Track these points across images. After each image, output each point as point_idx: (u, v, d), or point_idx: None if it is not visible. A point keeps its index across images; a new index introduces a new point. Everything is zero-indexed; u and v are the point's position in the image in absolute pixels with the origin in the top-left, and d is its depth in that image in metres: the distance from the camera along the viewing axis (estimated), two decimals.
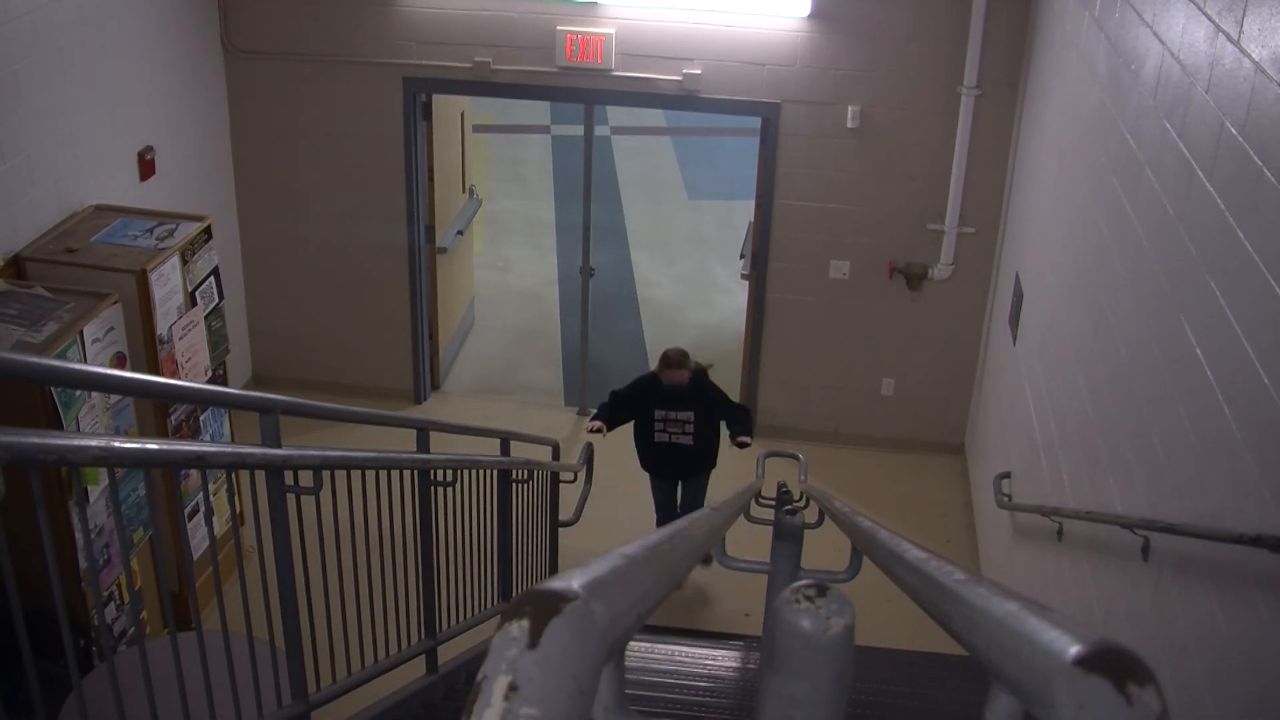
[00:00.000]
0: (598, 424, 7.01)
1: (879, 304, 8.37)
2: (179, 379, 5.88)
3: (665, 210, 13.44)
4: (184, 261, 6.07)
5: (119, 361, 5.47)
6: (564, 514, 7.13)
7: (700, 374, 6.96)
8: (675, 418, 6.99)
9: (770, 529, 4.02)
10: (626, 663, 1.08)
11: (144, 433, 5.71)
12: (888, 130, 7.90)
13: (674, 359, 6.87)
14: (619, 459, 8.31)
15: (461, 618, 5.33)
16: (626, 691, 1.04)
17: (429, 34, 8.00)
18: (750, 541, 4.60)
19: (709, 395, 7.03)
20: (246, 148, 8.42)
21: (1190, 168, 3.72)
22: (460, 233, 9.43)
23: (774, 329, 8.58)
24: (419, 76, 8.14)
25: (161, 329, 5.86)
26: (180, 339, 6.03)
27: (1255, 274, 3.03)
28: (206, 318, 6.32)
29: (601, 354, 9.83)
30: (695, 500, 7.37)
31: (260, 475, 3.49)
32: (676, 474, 7.28)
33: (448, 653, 5.24)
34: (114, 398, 5.33)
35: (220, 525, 6.35)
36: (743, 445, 6.96)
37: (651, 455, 7.20)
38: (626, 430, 7.14)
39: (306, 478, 3.65)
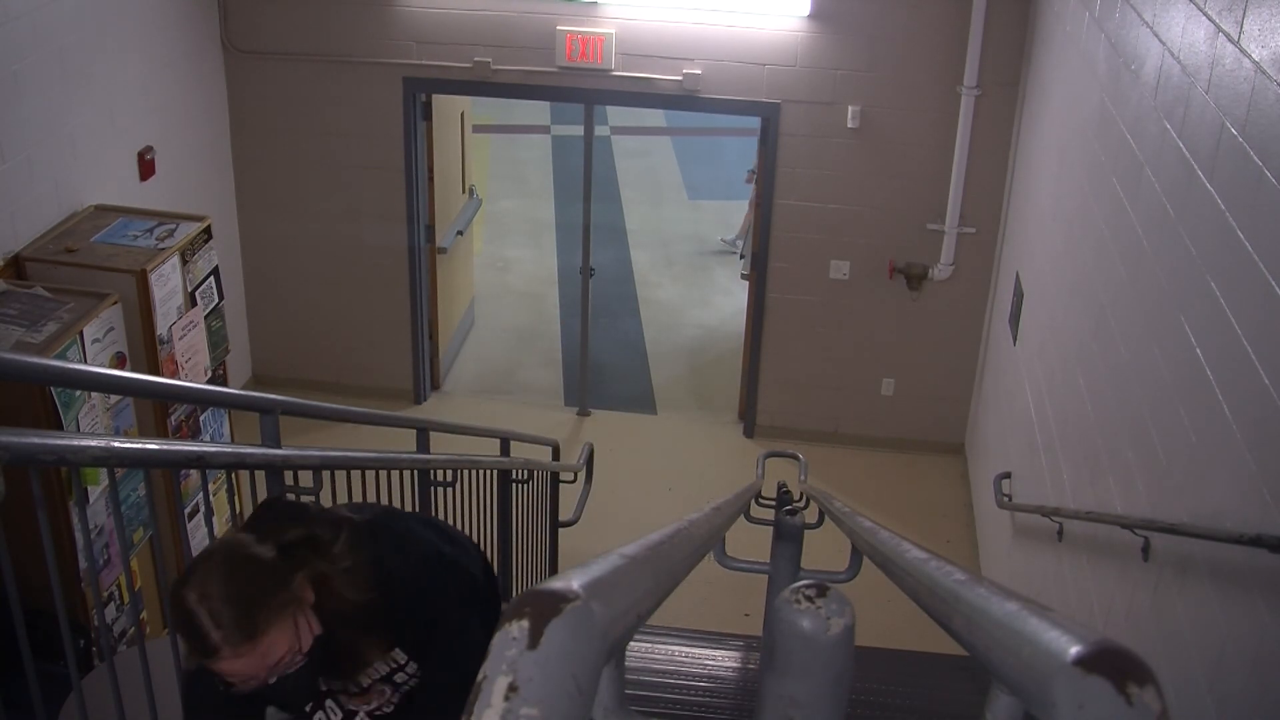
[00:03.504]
0: None
1: (879, 304, 8.37)
2: (179, 379, 5.88)
3: (665, 210, 13.45)
4: (184, 261, 6.06)
5: (119, 362, 5.47)
6: (564, 514, 7.12)
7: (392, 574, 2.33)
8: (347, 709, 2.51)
9: (770, 529, 4.03)
10: (626, 663, 1.08)
11: (144, 433, 5.71)
12: (888, 130, 7.90)
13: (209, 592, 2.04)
14: (620, 459, 8.32)
15: None
16: (626, 691, 1.04)
17: (429, 34, 8.00)
18: (751, 542, 4.60)
19: (436, 631, 2.43)
20: (246, 148, 8.42)
21: (1190, 168, 3.72)
22: (460, 233, 9.43)
23: (774, 329, 8.58)
24: (419, 76, 8.14)
25: (161, 329, 5.86)
26: (180, 339, 6.03)
27: (1255, 274, 3.03)
28: (206, 318, 6.32)
29: (601, 354, 9.83)
30: None
31: (260, 475, 3.49)
32: None
33: None
34: (114, 398, 5.33)
35: (220, 525, 6.34)
36: None
37: None
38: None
39: (306, 478, 3.65)
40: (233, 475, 6.20)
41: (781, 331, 8.57)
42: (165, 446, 3.14)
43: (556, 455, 7.03)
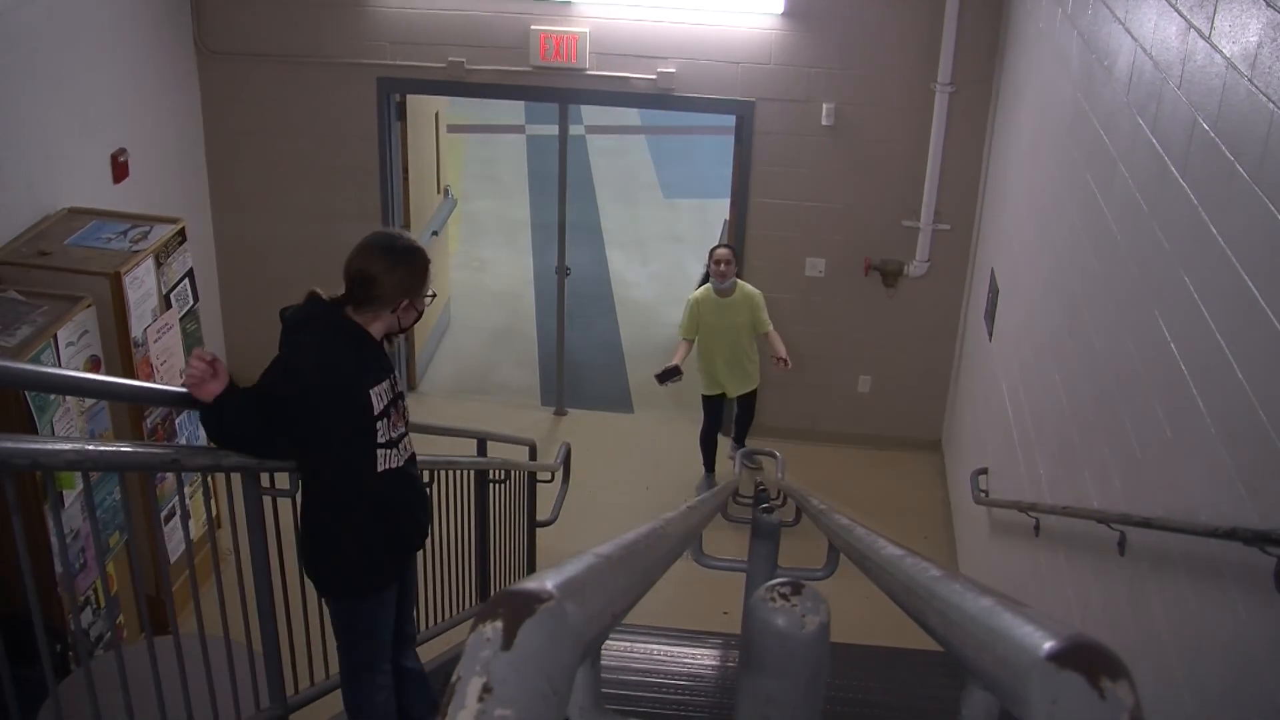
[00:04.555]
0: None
1: (855, 301, 8.39)
2: (154, 382, 5.84)
3: (640, 209, 13.44)
4: (158, 264, 6.03)
5: (93, 365, 5.43)
6: (542, 514, 7.12)
7: None
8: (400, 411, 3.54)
9: (749, 527, 4.03)
10: (604, 662, 1.08)
11: (119, 436, 5.68)
12: (862, 127, 7.92)
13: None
14: (597, 459, 8.32)
15: (439, 619, 5.32)
16: (604, 691, 1.04)
17: (402, 34, 7.97)
18: (736, 539, 4.60)
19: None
20: (220, 149, 8.37)
21: (1163, 163, 3.74)
22: (435, 233, 9.40)
23: None
24: (393, 77, 8.11)
25: (136, 332, 5.82)
26: (155, 342, 5.99)
27: (1228, 268, 3.05)
28: (181, 320, 6.29)
29: (577, 354, 9.82)
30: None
31: (236, 478, 3.48)
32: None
33: (425, 654, 5.22)
34: (88, 401, 5.30)
35: (196, 529, 6.31)
36: None
37: (373, 518, 3.50)
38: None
39: (282, 480, 3.64)
40: (209, 478, 6.18)
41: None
42: (140, 450, 3.13)
43: (533, 455, 7.02)
